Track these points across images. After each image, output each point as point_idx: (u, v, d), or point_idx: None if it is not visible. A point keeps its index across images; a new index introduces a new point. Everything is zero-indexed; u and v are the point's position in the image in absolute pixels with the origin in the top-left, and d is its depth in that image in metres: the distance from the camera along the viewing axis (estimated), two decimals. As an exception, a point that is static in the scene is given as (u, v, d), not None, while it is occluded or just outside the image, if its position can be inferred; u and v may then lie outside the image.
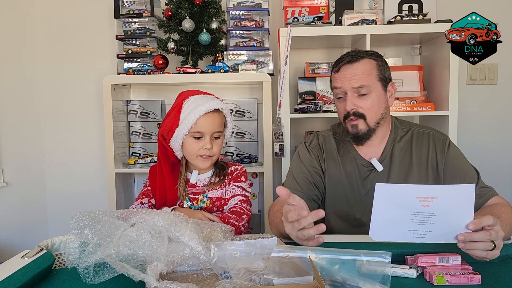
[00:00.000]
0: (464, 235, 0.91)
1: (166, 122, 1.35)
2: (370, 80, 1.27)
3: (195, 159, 1.35)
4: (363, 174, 1.36)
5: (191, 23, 2.12)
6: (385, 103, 1.32)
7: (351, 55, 1.30)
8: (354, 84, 1.27)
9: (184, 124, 1.29)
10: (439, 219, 0.91)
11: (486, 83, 2.43)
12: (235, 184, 1.40)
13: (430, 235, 0.93)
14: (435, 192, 0.90)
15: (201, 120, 1.30)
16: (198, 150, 1.33)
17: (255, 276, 0.84)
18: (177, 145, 1.34)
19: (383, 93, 1.31)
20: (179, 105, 1.33)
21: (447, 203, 0.90)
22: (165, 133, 1.34)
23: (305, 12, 2.18)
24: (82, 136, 2.55)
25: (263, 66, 2.22)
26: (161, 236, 0.91)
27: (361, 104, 1.28)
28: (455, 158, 1.33)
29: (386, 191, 0.92)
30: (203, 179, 1.41)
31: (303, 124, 2.44)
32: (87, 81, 2.52)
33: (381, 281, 0.80)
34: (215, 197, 1.38)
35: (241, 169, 1.44)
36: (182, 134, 1.31)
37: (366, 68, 1.28)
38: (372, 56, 1.31)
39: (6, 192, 2.35)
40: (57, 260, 1.02)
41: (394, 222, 0.93)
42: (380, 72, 1.30)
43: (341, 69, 1.30)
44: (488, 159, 2.44)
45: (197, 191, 1.39)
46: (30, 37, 2.48)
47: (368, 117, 1.28)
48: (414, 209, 0.91)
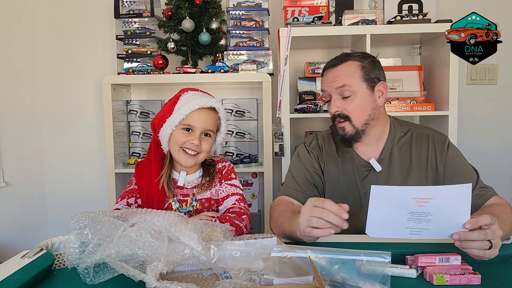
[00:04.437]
0: (459, 234, 0.91)
1: (160, 112, 1.33)
2: (352, 81, 1.28)
3: (178, 152, 1.29)
4: (362, 174, 1.36)
5: (191, 23, 2.12)
6: (373, 103, 1.31)
7: (336, 58, 1.34)
8: (335, 85, 1.29)
9: (176, 114, 1.27)
10: (435, 218, 0.91)
11: (486, 83, 2.43)
12: (227, 182, 1.36)
13: (426, 232, 0.93)
14: (431, 193, 0.90)
15: (194, 114, 1.27)
16: (184, 142, 1.28)
17: (255, 276, 0.84)
18: (165, 136, 1.30)
19: (369, 93, 1.30)
20: (176, 97, 1.32)
21: (444, 203, 0.90)
22: (156, 123, 1.31)
23: (305, 12, 2.18)
24: (82, 136, 2.55)
25: (263, 66, 2.22)
26: (161, 236, 0.91)
27: (345, 106, 1.30)
28: (455, 158, 1.33)
29: (381, 193, 0.92)
30: (191, 180, 1.36)
31: (303, 124, 2.44)
32: (87, 81, 2.52)
33: (381, 281, 0.80)
34: (204, 198, 1.34)
35: (229, 165, 1.41)
36: (173, 124, 1.27)
37: (348, 70, 1.30)
38: (357, 58, 1.31)
39: (6, 192, 2.35)
40: (57, 260, 1.02)
41: (390, 221, 0.94)
42: (365, 73, 1.30)
43: (324, 73, 1.35)
44: (488, 159, 2.43)
45: (185, 193, 1.34)
46: (30, 37, 2.48)
47: (353, 118, 1.29)
48: (410, 209, 0.92)
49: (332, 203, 0.98)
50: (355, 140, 1.31)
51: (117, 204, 1.32)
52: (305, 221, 1.01)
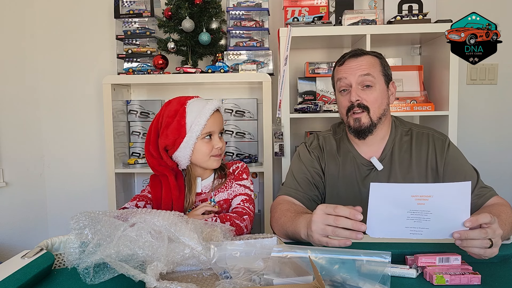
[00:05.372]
0: (460, 233, 0.91)
1: (169, 133, 1.28)
2: (375, 72, 1.30)
3: (208, 160, 1.32)
4: (363, 173, 1.36)
5: (191, 23, 2.12)
6: (387, 99, 1.34)
7: (355, 51, 1.34)
8: (360, 72, 1.28)
9: (194, 127, 1.27)
10: (435, 216, 0.91)
11: (486, 83, 2.43)
12: (237, 182, 1.38)
13: (426, 232, 0.93)
14: (430, 191, 0.90)
15: (209, 120, 1.29)
16: (211, 150, 1.31)
17: (255, 276, 0.84)
18: (187, 152, 1.28)
19: (386, 89, 1.33)
20: (181, 111, 1.29)
21: (443, 201, 0.90)
22: (171, 143, 1.28)
23: (305, 12, 2.18)
24: (82, 136, 2.55)
25: (263, 66, 2.22)
26: (161, 236, 0.91)
27: (365, 96, 1.29)
28: (455, 158, 1.33)
29: (381, 190, 0.92)
30: (207, 184, 1.39)
31: (303, 124, 2.44)
32: (87, 81, 2.52)
33: (381, 281, 0.80)
34: (223, 200, 1.36)
35: (242, 166, 1.42)
36: (194, 138, 1.27)
37: (372, 61, 1.31)
38: (375, 54, 1.35)
39: (6, 192, 2.35)
40: (57, 260, 1.02)
41: (390, 220, 0.93)
42: (383, 69, 1.33)
43: (346, 62, 1.32)
44: (488, 159, 2.43)
45: (203, 198, 1.36)
46: (30, 37, 2.48)
47: (372, 110, 1.29)
48: (410, 207, 0.91)
49: (344, 208, 0.94)
50: (369, 132, 1.30)
51: (127, 204, 1.35)
52: (319, 231, 0.97)
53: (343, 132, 1.43)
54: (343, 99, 1.33)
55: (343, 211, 0.94)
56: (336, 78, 1.35)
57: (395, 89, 1.38)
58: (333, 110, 2.13)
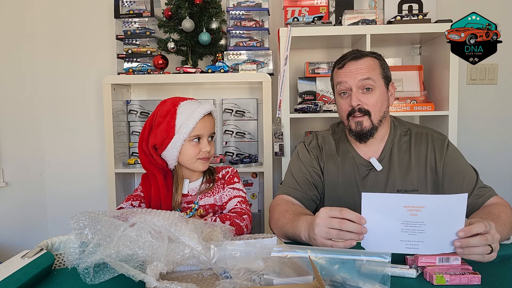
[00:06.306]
0: (461, 241, 0.90)
1: (158, 132, 1.29)
2: (375, 75, 1.29)
3: (195, 162, 1.32)
4: (362, 173, 1.36)
5: (191, 23, 2.12)
6: (387, 101, 1.34)
7: (354, 53, 1.32)
8: (360, 76, 1.27)
9: (183, 129, 1.27)
10: (429, 228, 0.90)
11: (486, 83, 2.43)
12: (230, 187, 1.38)
13: (422, 245, 0.92)
14: (423, 202, 0.90)
15: (199, 123, 1.29)
16: (197, 153, 1.31)
17: (255, 276, 0.84)
18: (174, 153, 1.30)
19: (386, 91, 1.33)
20: (172, 112, 1.30)
21: (437, 213, 0.89)
22: (159, 143, 1.29)
23: (305, 12, 2.18)
24: (82, 136, 2.55)
25: (263, 66, 2.22)
26: (161, 236, 0.91)
27: (366, 100, 1.28)
28: (454, 158, 1.33)
29: (372, 200, 0.92)
30: (194, 187, 1.39)
31: (303, 124, 2.44)
32: (87, 81, 2.52)
33: (381, 281, 0.80)
34: (208, 204, 1.36)
35: (232, 170, 1.42)
36: (181, 140, 1.28)
37: (371, 64, 1.30)
38: (374, 55, 1.34)
39: (6, 192, 2.35)
40: (57, 260, 1.02)
41: (385, 232, 0.93)
42: (383, 70, 1.32)
43: (345, 65, 1.31)
44: (488, 159, 2.43)
45: (190, 200, 1.36)
46: (30, 37, 2.48)
47: (373, 114, 1.29)
48: (403, 219, 0.91)
49: (350, 211, 0.94)
50: (370, 135, 1.30)
51: (122, 204, 1.35)
52: (322, 234, 0.96)
53: (342, 132, 1.43)
54: (343, 102, 1.33)
55: (349, 215, 0.94)
56: (336, 82, 1.34)
57: (395, 89, 1.38)
58: (333, 110, 2.13)
